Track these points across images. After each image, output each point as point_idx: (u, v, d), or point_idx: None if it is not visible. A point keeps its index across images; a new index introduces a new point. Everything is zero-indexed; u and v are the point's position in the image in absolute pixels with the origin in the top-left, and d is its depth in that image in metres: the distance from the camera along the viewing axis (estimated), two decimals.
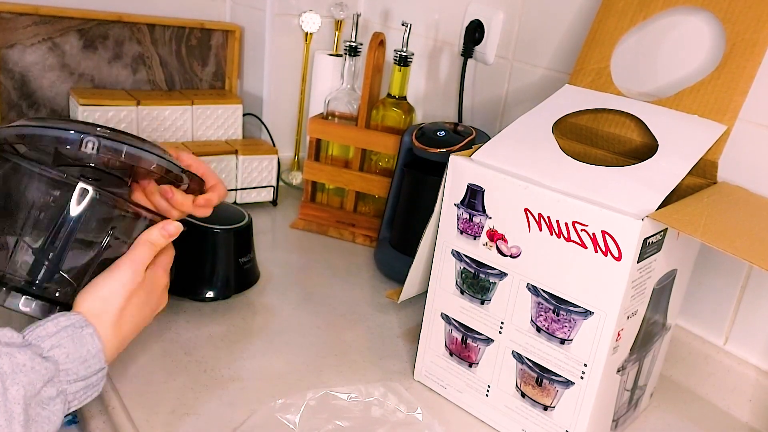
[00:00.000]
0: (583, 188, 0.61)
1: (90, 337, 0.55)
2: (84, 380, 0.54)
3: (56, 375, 0.52)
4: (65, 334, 0.54)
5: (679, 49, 0.79)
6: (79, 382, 0.54)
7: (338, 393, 0.64)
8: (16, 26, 1.08)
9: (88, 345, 0.55)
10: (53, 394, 0.52)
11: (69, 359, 0.53)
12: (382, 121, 1.08)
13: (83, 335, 0.55)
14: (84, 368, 0.54)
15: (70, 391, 0.54)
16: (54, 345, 0.53)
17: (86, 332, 0.55)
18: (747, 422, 0.78)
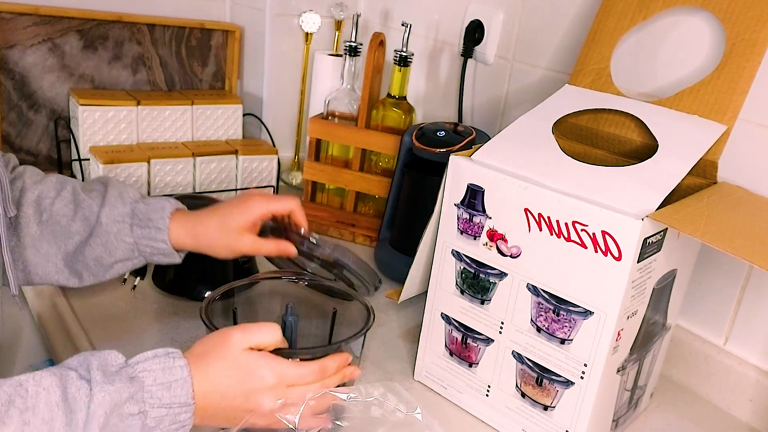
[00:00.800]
0: (583, 188, 0.61)
1: (180, 368, 0.56)
2: (167, 408, 0.55)
3: (139, 393, 0.54)
4: (157, 362, 0.56)
5: (679, 49, 0.79)
6: (162, 408, 0.55)
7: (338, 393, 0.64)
8: (16, 26, 1.08)
9: (177, 374, 0.56)
10: (134, 411, 0.53)
11: (155, 383, 0.55)
12: (382, 121, 1.08)
13: (174, 366, 0.56)
14: (169, 395, 0.55)
15: (152, 416, 0.54)
16: (144, 369, 0.55)
17: (177, 363, 0.56)
18: (747, 422, 0.77)
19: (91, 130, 1.09)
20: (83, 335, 0.78)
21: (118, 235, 0.73)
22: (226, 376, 0.58)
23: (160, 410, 0.55)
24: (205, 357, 0.59)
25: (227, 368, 0.59)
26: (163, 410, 0.55)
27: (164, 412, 0.55)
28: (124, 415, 0.53)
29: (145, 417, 0.54)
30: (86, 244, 0.73)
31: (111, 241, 0.73)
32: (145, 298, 0.87)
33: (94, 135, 1.10)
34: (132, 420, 0.53)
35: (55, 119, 1.15)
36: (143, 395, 0.54)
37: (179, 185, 1.12)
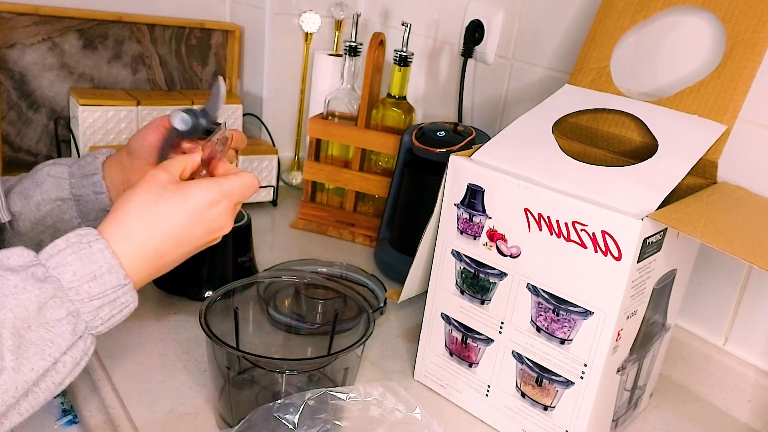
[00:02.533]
0: (583, 188, 0.61)
1: (100, 252, 0.51)
2: (100, 298, 0.51)
3: (59, 294, 0.49)
4: (72, 251, 0.51)
5: (679, 49, 0.79)
6: (95, 300, 0.50)
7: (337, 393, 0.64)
8: (16, 26, 1.08)
9: (99, 260, 0.51)
10: (61, 315, 0.49)
11: (76, 277, 0.50)
12: (382, 121, 1.08)
13: (92, 251, 0.51)
14: (96, 285, 0.50)
15: (85, 311, 0.50)
16: (60, 263, 0.50)
17: (95, 247, 0.51)
18: (746, 422, 0.77)
19: (91, 130, 1.09)
20: None
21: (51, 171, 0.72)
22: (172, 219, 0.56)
23: (92, 303, 0.50)
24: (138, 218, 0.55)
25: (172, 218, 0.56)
26: (96, 302, 0.51)
27: (98, 303, 0.51)
28: (49, 323, 0.49)
29: (77, 316, 0.50)
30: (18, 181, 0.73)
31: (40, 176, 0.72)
32: (144, 298, 0.87)
33: (93, 135, 1.10)
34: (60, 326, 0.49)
35: (54, 119, 1.15)
36: (66, 294, 0.49)
37: None
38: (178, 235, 0.56)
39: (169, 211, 0.56)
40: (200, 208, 0.57)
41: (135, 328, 0.81)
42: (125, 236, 0.54)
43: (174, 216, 0.56)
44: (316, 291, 0.81)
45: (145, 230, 0.55)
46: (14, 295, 0.47)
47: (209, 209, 0.58)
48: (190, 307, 0.86)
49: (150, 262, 0.55)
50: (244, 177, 0.61)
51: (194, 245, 0.58)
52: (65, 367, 0.51)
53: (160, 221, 0.56)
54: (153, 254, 0.55)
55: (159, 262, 0.56)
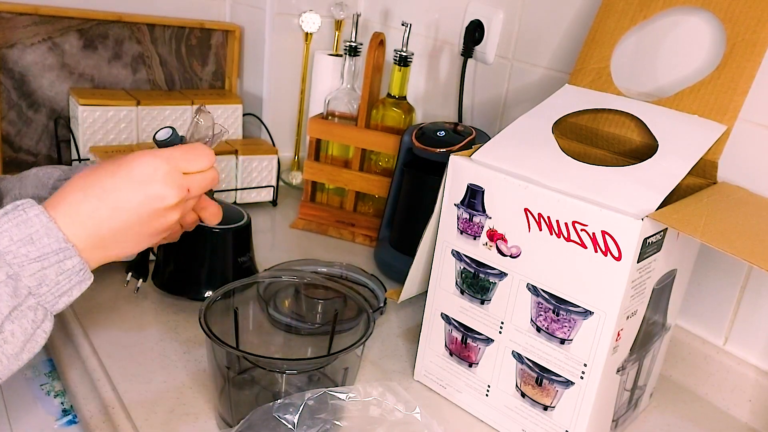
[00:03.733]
0: (583, 188, 0.61)
1: (36, 217, 0.50)
2: (39, 261, 0.49)
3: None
4: (8, 218, 0.50)
5: (679, 49, 0.79)
6: (33, 263, 0.49)
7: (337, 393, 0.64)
8: (16, 26, 1.08)
9: (35, 224, 0.50)
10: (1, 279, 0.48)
11: (12, 241, 0.49)
12: (382, 120, 1.08)
13: (28, 216, 0.50)
14: (35, 248, 0.49)
15: (26, 274, 0.49)
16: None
17: (31, 212, 0.50)
18: (747, 422, 0.77)
19: (91, 130, 1.09)
20: (83, 335, 0.78)
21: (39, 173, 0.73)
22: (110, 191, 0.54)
23: (32, 266, 0.49)
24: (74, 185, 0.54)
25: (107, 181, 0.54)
26: (36, 264, 0.49)
27: (38, 266, 0.49)
28: None
29: (17, 280, 0.49)
30: None
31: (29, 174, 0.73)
32: (144, 298, 0.87)
33: (94, 135, 1.10)
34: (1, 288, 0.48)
35: (54, 119, 1.15)
36: (4, 258, 0.48)
37: None
38: (114, 199, 0.54)
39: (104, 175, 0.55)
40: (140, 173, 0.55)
41: (135, 328, 0.81)
42: (61, 201, 0.53)
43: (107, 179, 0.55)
44: (316, 291, 0.81)
45: (79, 194, 0.54)
46: None
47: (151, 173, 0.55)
48: (190, 307, 0.86)
49: (86, 226, 0.53)
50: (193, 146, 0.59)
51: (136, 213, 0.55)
52: (14, 338, 0.49)
53: (93, 184, 0.54)
54: (89, 219, 0.53)
55: (100, 229, 0.54)
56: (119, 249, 0.56)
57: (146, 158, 0.56)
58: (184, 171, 0.58)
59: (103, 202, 0.54)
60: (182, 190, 0.57)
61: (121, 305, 0.85)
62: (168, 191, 0.56)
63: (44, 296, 0.51)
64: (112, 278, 0.88)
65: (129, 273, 0.88)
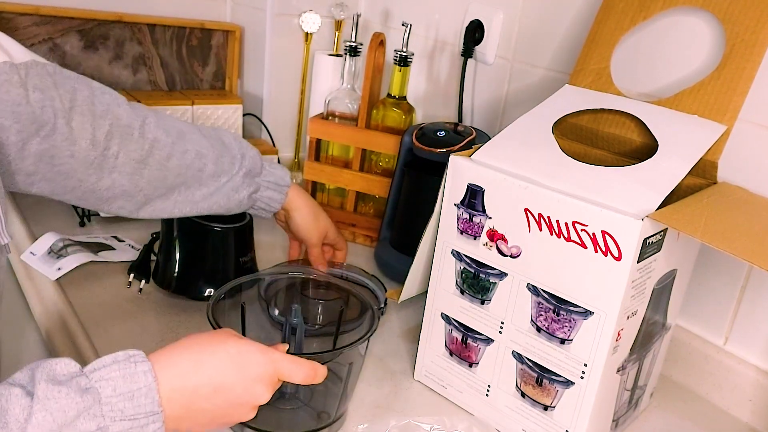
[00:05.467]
0: (583, 188, 0.61)
1: (143, 374, 0.50)
2: (132, 420, 0.49)
3: (94, 407, 0.48)
4: (116, 368, 0.50)
5: (679, 49, 0.79)
6: (126, 421, 0.49)
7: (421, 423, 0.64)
8: (17, 26, 1.09)
9: (139, 382, 0.50)
10: (91, 429, 0.48)
11: (115, 393, 0.49)
12: (382, 121, 1.08)
13: (136, 371, 0.50)
14: (131, 406, 0.50)
15: (113, 429, 0.49)
16: (102, 377, 0.49)
17: (140, 368, 0.51)
18: (747, 422, 0.78)
19: None
20: (84, 336, 0.78)
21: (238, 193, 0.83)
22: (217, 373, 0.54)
23: (122, 423, 0.49)
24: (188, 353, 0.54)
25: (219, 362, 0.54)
26: (126, 423, 0.49)
27: (128, 425, 0.49)
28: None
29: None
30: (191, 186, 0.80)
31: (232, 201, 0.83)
32: (146, 298, 0.87)
33: None
34: None
35: None
36: (101, 408, 0.48)
37: None
38: (219, 384, 0.54)
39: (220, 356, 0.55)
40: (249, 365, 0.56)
41: (136, 327, 0.81)
42: (171, 364, 0.53)
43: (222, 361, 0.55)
44: (318, 291, 0.81)
45: (190, 362, 0.54)
46: (56, 400, 0.47)
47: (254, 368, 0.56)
48: (191, 307, 0.86)
49: (184, 397, 0.53)
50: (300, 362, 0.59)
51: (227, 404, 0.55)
52: None
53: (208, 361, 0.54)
54: (190, 391, 0.53)
55: (192, 404, 0.54)
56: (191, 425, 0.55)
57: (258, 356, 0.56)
58: (282, 379, 0.58)
59: (208, 381, 0.54)
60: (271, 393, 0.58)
61: (122, 305, 0.85)
62: (265, 394, 0.57)
63: None
64: (114, 279, 0.89)
65: (131, 274, 0.89)
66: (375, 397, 0.74)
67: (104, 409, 0.48)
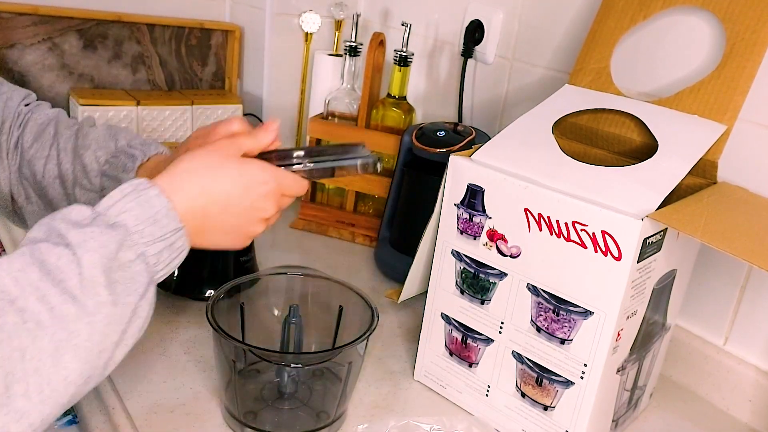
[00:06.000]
0: (583, 188, 0.61)
1: (156, 198, 0.53)
2: (162, 240, 0.52)
3: (128, 238, 0.50)
4: (130, 199, 0.52)
5: (679, 49, 0.79)
6: (158, 243, 0.52)
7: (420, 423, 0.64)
8: (16, 26, 1.08)
9: (156, 205, 0.53)
10: (132, 257, 0.50)
11: (138, 221, 0.51)
12: (382, 121, 1.08)
13: (149, 196, 0.53)
14: (158, 228, 0.52)
15: (151, 253, 0.52)
16: (121, 210, 0.51)
17: (151, 193, 0.53)
18: (747, 422, 0.78)
19: None
20: None
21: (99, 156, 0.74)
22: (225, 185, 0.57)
23: (156, 245, 0.52)
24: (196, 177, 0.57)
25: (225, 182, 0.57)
26: (159, 245, 0.52)
27: (161, 246, 0.53)
28: (124, 265, 0.50)
29: (145, 258, 0.51)
30: None
31: None
32: None
33: None
34: (135, 267, 0.50)
35: None
36: (133, 238, 0.51)
37: None
38: (226, 201, 0.58)
39: (224, 176, 0.58)
40: (252, 183, 0.59)
41: None
42: (179, 188, 0.55)
43: (227, 182, 0.58)
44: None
45: (197, 187, 0.56)
46: (94, 238, 0.48)
47: (260, 186, 0.59)
48: (191, 307, 0.86)
49: (196, 218, 0.56)
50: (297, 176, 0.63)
51: (238, 219, 0.59)
52: (144, 312, 0.52)
53: (213, 182, 0.57)
54: (200, 211, 0.56)
55: (204, 222, 0.57)
56: (211, 242, 0.59)
57: (263, 173, 0.60)
58: (284, 194, 0.62)
59: (217, 201, 0.57)
60: (277, 207, 0.62)
61: None
62: (269, 206, 0.61)
63: (158, 272, 0.54)
64: None
65: None
66: (374, 397, 0.74)
67: (135, 237, 0.51)
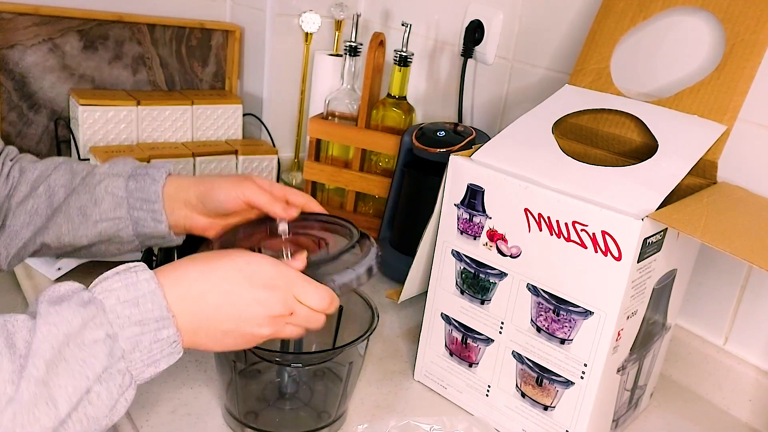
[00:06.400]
0: (583, 188, 0.61)
1: (145, 281, 0.50)
2: (141, 325, 0.48)
3: (99, 316, 0.47)
4: (119, 279, 0.50)
5: (679, 49, 0.79)
6: (134, 326, 0.48)
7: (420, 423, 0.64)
8: (17, 27, 1.08)
9: (142, 288, 0.49)
10: (99, 336, 0.47)
11: (119, 301, 0.48)
12: (382, 121, 1.08)
13: (138, 279, 0.50)
14: (138, 311, 0.48)
15: (124, 336, 0.48)
16: (105, 289, 0.49)
17: (142, 277, 0.50)
18: (747, 422, 0.78)
19: (91, 130, 1.09)
20: None
21: (109, 187, 0.68)
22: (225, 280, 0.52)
23: (132, 329, 0.48)
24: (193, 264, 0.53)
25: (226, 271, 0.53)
26: (136, 328, 0.48)
27: (138, 331, 0.48)
28: (85, 343, 0.47)
29: (114, 341, 0.48)
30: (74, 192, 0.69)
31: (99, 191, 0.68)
32: None
33: (94, 135, 1.10)
34: (96, 347, 0.47)
35: (55, 119, 1.15)
36: (107, 317, 0.47)
37: None
38: (227, 290, 0.53)
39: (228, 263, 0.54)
40: (257, 276, 0.54)
41: None
42: (175, 273, 0.52)
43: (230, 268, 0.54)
44: None
45: (197, 274, 0.53)
46: (59, 313, 0.47)
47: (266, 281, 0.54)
48: None
49: (193, 306, 0.52)
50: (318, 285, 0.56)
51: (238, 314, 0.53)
52: (100, 400, 0.48)
53: (215, 270, 0.53)
54: (197, 298, 0.52)
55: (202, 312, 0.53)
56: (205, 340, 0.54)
57: (269, 265, 0.55)
58: (297, 297, 0.56)
59: (215, 288, 0.53)
60: (286, 309, 0.55)
61: None
62: (276, 306, 0.55)
63: (134, 362, 0.49)
64: None
65: None
66: (375, 397, 0.74)
67: (110, 317, 0.48)
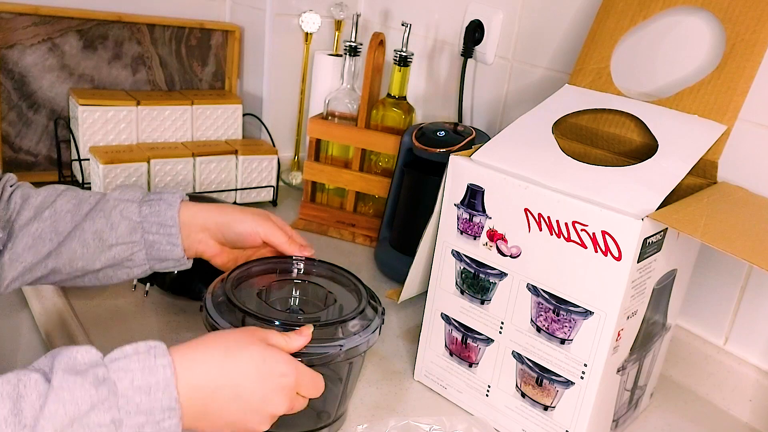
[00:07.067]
0: (583, 188, 0.61)
1: (162, 368, 0.49)
2: (146, 414, 0.48)
3: (110, 399, 0.47)
4: (137, 360, 0.49)
5: (679, 49, 0.79)
6: (140, 415, 0.48)
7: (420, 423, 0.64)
8: (16, 26, 1.08)
9: (158, 375, 0.49)
10: (105, 421, 0.46)
11: (132, 386, 0.48)
12: (382, 121, 1.08)
13: (156, 365, 0.49)
14: (147, 400, 0.48)
15: (129, 424, 0.47)
16: (121, 368, 0.49)
17: (159, 362, 0.50)
18: (747, 422, 0.78)
19: (91, 130, 1.09)
20: (83, 336, 0.78)
21: (124, 211, 0.69)
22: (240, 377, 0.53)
23: (138, 417, 0.48)
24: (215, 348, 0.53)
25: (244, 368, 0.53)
26: (141, 417, 0.48)
27: (143, 420, 0.48)
28: (90, 426, 0.46)
29: (118, 427, 0.47)
30: (87, 217, 0.69)
31: (114, 216, 0.69)
32: (145, 298, 0.87)
33: (93, 135, 1.10)
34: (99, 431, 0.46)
35: (54, 119, 1.15)
36: (117, 401, 0.47)
37: (179, 185, 1.12)
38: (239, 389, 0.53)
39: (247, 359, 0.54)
40: (272, 374, 0.55)
41: (136, 328, 0.81)
42: (193, 361, 0.52)
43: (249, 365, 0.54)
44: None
45: (214, 367, 0.53)
46: (71, 390, 0.46)
47: (278, 378, 0.55)
48: (191, 307, 0.86)
49: (204, 397, 0.52)
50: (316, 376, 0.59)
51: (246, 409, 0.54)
52: None
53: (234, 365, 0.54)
54: (210, 392, 0.52)
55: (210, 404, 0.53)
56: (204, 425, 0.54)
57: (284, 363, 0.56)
58: (300, 393, 0.57)
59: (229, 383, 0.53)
60: (288, 408, 0.57)
61: (122, 305, 0.85)
62: (281, 403, 0.56)
63: None
64: None
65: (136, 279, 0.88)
66: (375, 397, 0.74)
67: (120, 401, 0.47)
